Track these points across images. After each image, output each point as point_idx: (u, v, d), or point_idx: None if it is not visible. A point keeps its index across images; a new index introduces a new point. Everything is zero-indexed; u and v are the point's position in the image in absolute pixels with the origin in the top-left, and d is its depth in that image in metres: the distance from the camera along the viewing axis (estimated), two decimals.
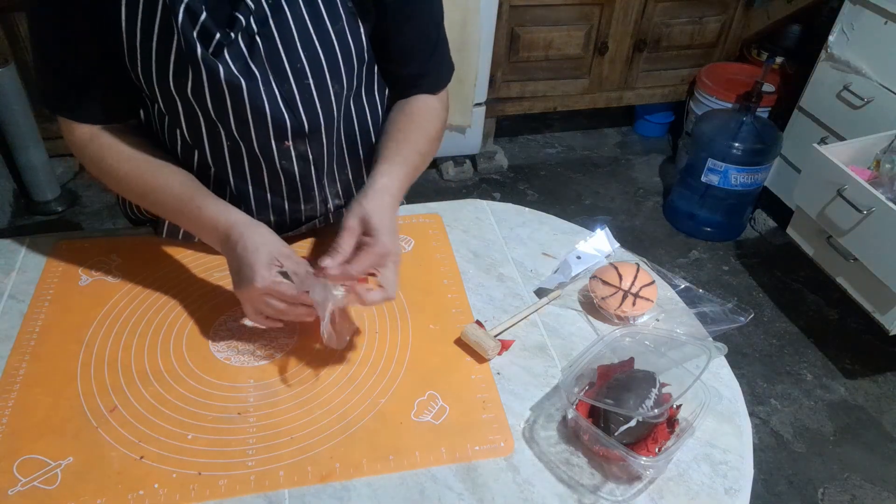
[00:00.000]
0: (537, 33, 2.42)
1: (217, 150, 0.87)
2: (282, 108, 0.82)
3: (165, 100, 0.82)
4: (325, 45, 0.81)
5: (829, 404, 1.88)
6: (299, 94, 0.82)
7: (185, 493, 0.69)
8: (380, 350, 0.85)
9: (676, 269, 2.27)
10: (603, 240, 1.02)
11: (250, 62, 0.78)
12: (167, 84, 0.78)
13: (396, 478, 0.72)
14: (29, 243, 0.97)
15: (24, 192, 2.28)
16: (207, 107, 0.80)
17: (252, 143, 0.85)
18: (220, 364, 0.82)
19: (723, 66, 2.63)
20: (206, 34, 0.75)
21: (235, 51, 0.77)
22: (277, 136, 0.85)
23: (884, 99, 1.95)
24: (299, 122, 0.84)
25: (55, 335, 0.84)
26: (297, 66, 0.80)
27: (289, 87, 0.81)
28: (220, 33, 0.75)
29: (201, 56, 0.75)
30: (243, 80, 0.78)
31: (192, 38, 0.74)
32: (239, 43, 0.77)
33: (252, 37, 0.77)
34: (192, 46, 0.74)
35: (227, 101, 0.79)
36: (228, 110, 0.81)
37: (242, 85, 0.78)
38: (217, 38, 0.75)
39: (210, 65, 0.75)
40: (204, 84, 0.77)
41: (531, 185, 2.64)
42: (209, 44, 0.75)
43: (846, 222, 1.73)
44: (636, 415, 0.71)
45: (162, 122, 0.88)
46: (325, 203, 0.97)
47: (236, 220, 0.80)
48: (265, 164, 0.88)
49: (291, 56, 0.80)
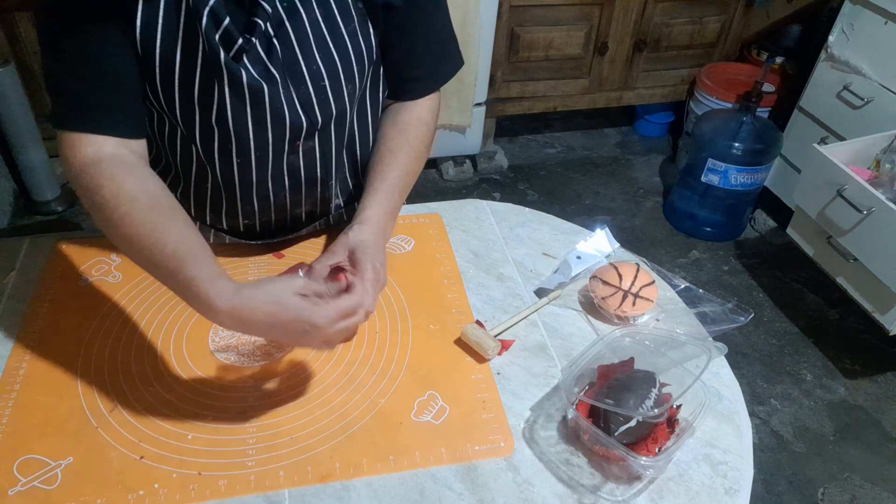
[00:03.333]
0: (537, 33, 2.42)
1: (226, 159, 0.86)
2: (299, 111, 0.82)
3: (184, 112, 0.81)
4: (338, 47, 0.81)
5: (829, 404, 1.88)
6: (315, 95, 0.83)
7: (185, 493, 0.69)
8: (380, 350, 0.85)
9: (676, 269, 2.27)
10: (603, 240, 1.02)
11: (270, 66, 0.78)
12: (191, 94, 0.78)
13: (396, 478, 0.72)
14: (29, 243, 0.97)
15: (24, 192, 2.28)
16: (227, 117, 0.80)
17: (267, 149, 0.85)
18: (220, 364, 0.82)
19: (723, 66, 2.63)
20: (228, 39, 0.75)
21: (254, 55, 0.77)
22: (292, 137, 0.85)
23: (884, 99, 1.95)
24: (314, 123, 0.85)
25: (55, 335, 0.84)
26: (313, 67, 0.81)
27: (305, 90, 0.82)
28: (242, 38, 0.75)
29: (224, 62, 0.75)
30: (265, 84, 0.78)
31: (215, 43, 0.74)
32: (257, 47, 0.77)
33: (269, 40, 0.77)
34: (216, 52, 0.74)
35: (247, 105, 0.79)
36: (247, 116, 0.81)
37: (264, 89, 0.78)
38: (239, 44, 0.75)
39: (233, 70, 0.75)
40: (226, 91, 0.77)
41: (531, 185, 2.64)
42: (230, 49, 0.75)
43: (846, 222, 1.73)
44: (636, 415, 0.71)
45: (163, 130, 0.86)
46: (325, 199, 0.97)
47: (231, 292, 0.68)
48: (273, 165, 0.88)
49: (308, 58, 0.80)
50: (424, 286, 0.95)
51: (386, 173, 0.89)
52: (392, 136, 0.92)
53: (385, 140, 0.92)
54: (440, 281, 0.96)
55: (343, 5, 0.80)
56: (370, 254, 0.79)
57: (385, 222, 0.86)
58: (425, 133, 0.94)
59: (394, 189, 0.89)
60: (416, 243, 1.02)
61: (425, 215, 1.08)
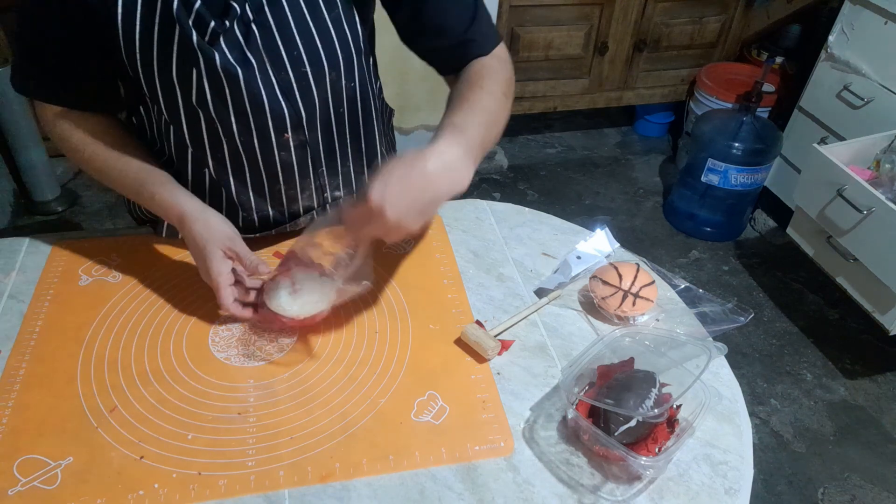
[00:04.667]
0: (537, 33, 2.42)
1: (217, 147, 0.87)
2: (279, 98, 0.82)
3: (167, 97, 0.82)
4: (321, 33, 0.81)
5: (829, 404, 1.88)
6: (296, 82, 0.82)
7: (185, 493, 0.69)
8: (380, 350, 0.85)
9: (676, 269, 2.27)
10: (603, 240, 1.02)
11: (247, 51, 0.78)
12: (170, 77, 0.79)
13: (396, 478, 0.72)
14: (29, 243, 0.97)
15: (24, 192, 2.28)
16: (207, 101, 0.80)
17: (252, 136, 0.85)
18: (220, 364, 0.82)
19: (723, 66, 2.63)
20: (200, 22, 0.75)
21: (231, 40, 0.77)
22: (277, 127, 0.85)
23: (884, 99, 1.95)
24: (297, 111, 0.84)
25: (55, 335, 0.84)
26: (293, 53, 0.80)
27: (286, 76, 0.81)
28: (215, 21, 0.75)
29: (197, 44, 0.75)
30: (239, 68, 0.78)
31: (187, 25, 0.74)
32: (235, 31, 0.77)
33: (248, 25, 0.77)
34: (187, 34, 0.75)
35: (226, 92, 0.80)
36: (228, 102, 0.81)
37: (239, 73, 0.78)
38: (212, 27, 0.75)
39: (206, 52, 0.76)
40: (203, 73, 0.78)
41: (531, 185, 2.64)
42: (205, 32, 0.76)
43: (846, 222, 1.73)
44: (636, 415, 0.70)
45: (160, 123, 0.88)
46: (323, 192, 0.97)
47: (186, 209, 0.83)
48: (263, 158, 0.88)
49: (288, 44, 0.80)
50: (424, 286, 0.95)
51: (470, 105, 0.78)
52: (462, 89, 0.82)
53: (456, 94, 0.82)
54: (440, 281, 0.96)
55: None
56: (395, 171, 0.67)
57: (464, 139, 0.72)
58: (499, 79, 0.83)
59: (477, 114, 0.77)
60: (417, 243, 1.02)
61: None
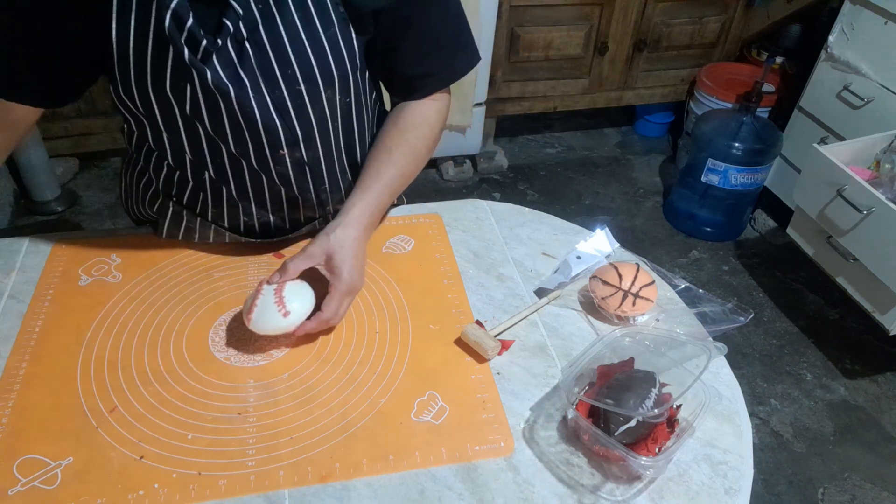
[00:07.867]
0: (537, 33, 2.42)
1: (216, 155, 0.86)
2: (273, 116, 0.81)
3: (164, 114, 0.81)
4: (317, 51, 0.80)
5: (829, 404, 1.88)
6: (291, 100, 0.81)
7: (185, 493, 0.69)
8: (380, 350, 0.85)
9: (676, 269, 2.27)
10: (603, 240, 1.02)
11: (239, 69, 0.77)
12: (164, 93, 0.78)
13: (396, 478, 0.72)
14: (29, 243, 0.97)
15: (24, 192, 2.28)
16: (202, 115, 0.80)
17: (249, 153, 0.85)
18: (220, 364, 0.82)
19: (723, 66, 2.63)
20: (192, 40, 0.75)
21: (225, 57, 0.76)
22: (272, 144, 0.84)
23: (884, 99, 1.95)
24: (291, 129, 0.83)
25: (55, 335, 0.84)
26: (288, 72, 0.79)
27: (280, 94, 0.80)
28: (207, 39, 0.75)
29: (189, 60, 0.74)
30: (231, 86, 0.77)
31: (179, 43, 0.74)
32: (228, 49, 0.76)
33: (241, 43, 0.77)
34: (179, 50, 0.74)
35: (220, 107, 0.79)
36: (223, 118, 0.80)
37: (231, 91, 0.77)
38: (204, 45, 0.75)
39: (199, 69, 0.75)
40: (197, 88, 0.77)
41: (531, 185, 2.64)
42: (197, 50, 0.75)
43: (846, 222, 1.73)
44: (636, 415, 0.70)
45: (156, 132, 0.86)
46: (325, 206, 0.97)
47: None
48: (264, 175, 0.88)
49: (282, 62, 0.79)
50: (424, 286, 0.95)
51: (381, 172, 0.88)
52: (392, 134, 0.91)
53: (384, 138, 0.91)
54: (440, 281, 0.96)
55: (322, 9, 0.79)
56: (348, 262, 0.81)
57: (370, 224, 0.86)
58: (427, 134, 0.92)
59: (385, 189, 0.88)
60: (416, 243, 1.02)
61: (425, 215, 1.08)
